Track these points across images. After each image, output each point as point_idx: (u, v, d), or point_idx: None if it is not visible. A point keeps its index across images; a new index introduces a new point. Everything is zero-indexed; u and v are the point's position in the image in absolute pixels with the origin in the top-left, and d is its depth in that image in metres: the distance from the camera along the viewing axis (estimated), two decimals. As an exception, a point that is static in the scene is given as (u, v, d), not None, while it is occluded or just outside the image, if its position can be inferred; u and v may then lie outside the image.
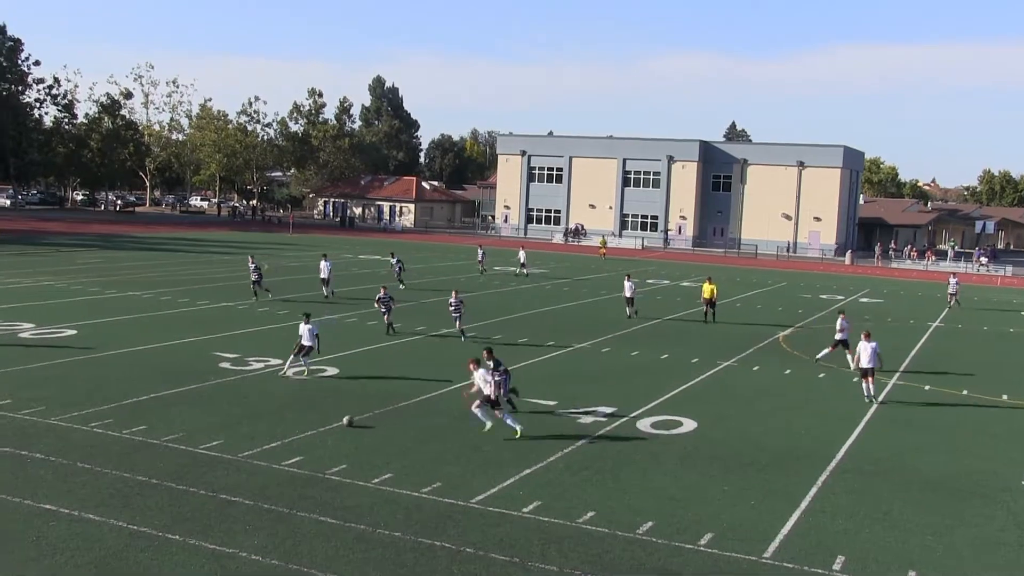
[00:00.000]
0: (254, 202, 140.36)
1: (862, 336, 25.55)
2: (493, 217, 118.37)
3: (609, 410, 22.91)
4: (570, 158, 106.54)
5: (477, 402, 20.33)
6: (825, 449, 20.38)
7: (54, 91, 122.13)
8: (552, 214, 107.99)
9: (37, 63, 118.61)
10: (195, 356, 27.53)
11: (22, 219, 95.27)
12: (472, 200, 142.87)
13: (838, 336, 30.01)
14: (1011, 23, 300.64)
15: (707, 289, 40.13)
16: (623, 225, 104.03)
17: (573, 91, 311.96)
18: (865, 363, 25.06)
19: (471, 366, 20.62)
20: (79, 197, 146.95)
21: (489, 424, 20.22)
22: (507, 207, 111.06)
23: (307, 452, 18.38)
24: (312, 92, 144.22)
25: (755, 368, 29.86)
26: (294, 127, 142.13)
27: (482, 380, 20.21)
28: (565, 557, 13.88)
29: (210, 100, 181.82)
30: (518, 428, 19.98)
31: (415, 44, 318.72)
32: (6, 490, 15.63)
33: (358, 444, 19.16)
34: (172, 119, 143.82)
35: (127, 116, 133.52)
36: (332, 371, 26.07)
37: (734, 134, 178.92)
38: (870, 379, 25.19)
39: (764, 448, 20.30)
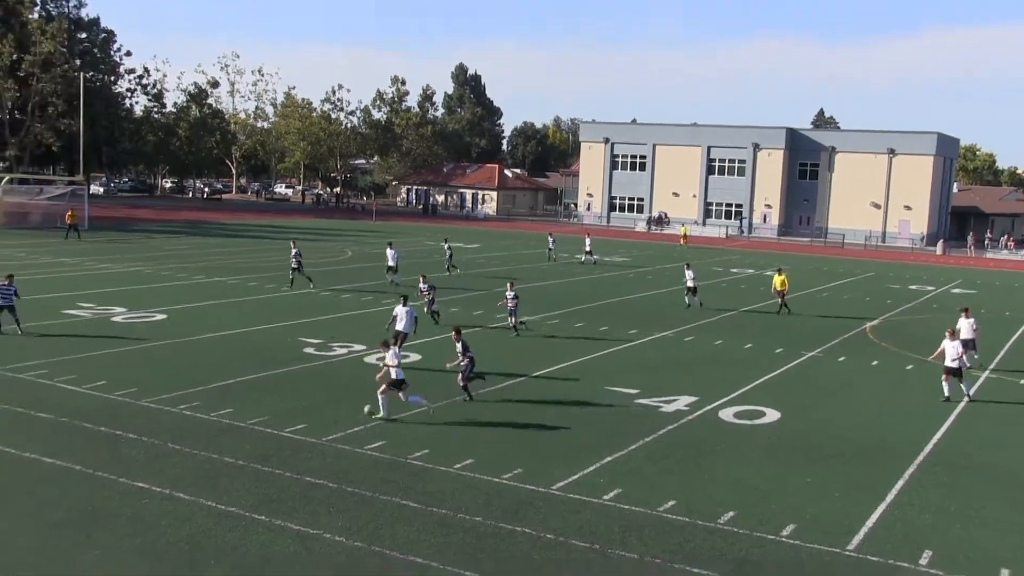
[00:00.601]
0: (337, 189, 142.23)
1: (946, 333, 24.53)
2: (575, 205, 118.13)
3: (691, 399, 22.73)
4: (653, 145, 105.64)
5: (383, 387, 19.90)
6: (913, 442, 19.92)
7: (144, 81, 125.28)
8: (635, 202, 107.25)
9: (128, 54, 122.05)
10: (280, 341, 28.04)
11: (114, 206, 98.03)
12: (555, 188, 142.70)
13: (964, 337, 28.32)
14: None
15: (778, 280, 39.50)
16: (707, 213, 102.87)
17: (656, 78, 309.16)
18: (948, 362, 23.98)
19: (380, 348, 20.69)
20: (168, 184, 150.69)
21: (382, 413, 19.68)
22: (590, 195, 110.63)
23: (389, 437, 18.61)
24: (395, 80, 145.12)
25: (841, 359, 29.32)
26: (377, 115, 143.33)
27: (392, 360, 19.85)
28: (645, 545, 13.84)
29: (294, 88, 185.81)
30: (425, 404, 20.04)
31: (497, 32, 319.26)
32: (103, 468, 16.19)
33: (439, 430, 19.34)
34: (257, 107, 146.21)
35: (214, 105, 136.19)
36: (415, 357, 26.31)
37: (822, 121, 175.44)
38: (958, 379, 24.03)
39: (849, 440, 19.94)
